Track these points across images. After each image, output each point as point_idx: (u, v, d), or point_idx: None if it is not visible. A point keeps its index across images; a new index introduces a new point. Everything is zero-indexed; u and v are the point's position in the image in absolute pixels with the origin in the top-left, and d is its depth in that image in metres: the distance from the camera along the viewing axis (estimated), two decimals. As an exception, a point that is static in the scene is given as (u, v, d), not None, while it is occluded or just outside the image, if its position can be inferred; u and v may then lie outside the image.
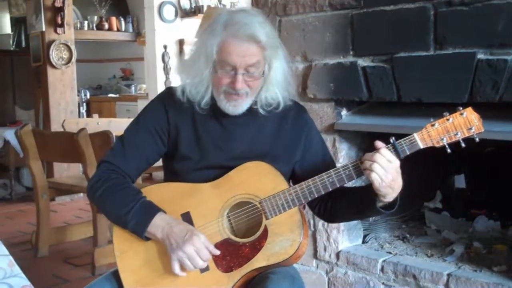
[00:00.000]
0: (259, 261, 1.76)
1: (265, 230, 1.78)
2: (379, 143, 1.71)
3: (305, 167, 1.95)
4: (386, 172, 1.68)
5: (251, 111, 1.91)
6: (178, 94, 1.91)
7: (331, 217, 2.01)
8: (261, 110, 1.90)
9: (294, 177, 1.97)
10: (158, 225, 1.77)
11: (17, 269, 1.65)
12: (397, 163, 1.70)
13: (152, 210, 1.80)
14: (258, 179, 1.82)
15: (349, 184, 1.82)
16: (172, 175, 1.95)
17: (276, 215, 1.78)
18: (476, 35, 2.25)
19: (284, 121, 1.96)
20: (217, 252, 1.77)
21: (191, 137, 1.91)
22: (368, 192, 1.76)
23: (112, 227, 1.88)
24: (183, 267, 1.75)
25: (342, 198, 1.90)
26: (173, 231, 1.76)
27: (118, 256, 1.82)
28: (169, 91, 1.98)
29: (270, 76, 1.87)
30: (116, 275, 1.84)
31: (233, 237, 1.80)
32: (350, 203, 1.90)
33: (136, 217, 1.78)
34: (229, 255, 1.78)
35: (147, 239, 1.81)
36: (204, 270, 1.78)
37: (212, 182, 1.86)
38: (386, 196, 1.73)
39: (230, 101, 1.84)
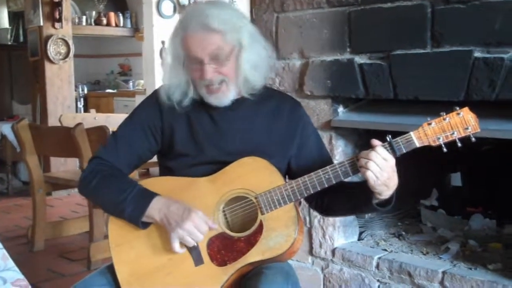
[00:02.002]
0: (253, 255, 1.76)
1: (260, 225, 1.78)
2: (375, 141, 1.72)
3: (301, 163, 1.95)
4: (381, 170, 1.68)
5: (244, 102, 1.91)
6: (164, 99, 1.91)
7: (327, 211, 2.01)
8: (245, 94, 1.90)
9: (290, 173, 1.97)
10: (155, 208, 1.78)
11: (10, 262, 1.64)
12: (392, 161, 1.70)
13: (149, 194, 1.81)
14: (254, 175, 1.82)
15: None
16: (167, 172, 1.95)
17: (272, 210, 1.78)
18: (473, 33, 2.25)
19: (278, 115, 1.96)
20: (215, 226, 1.79)
21: (186, 134, 1.91)
22: (365, 189, 1.75)
23: (108, 221, 1.88)
24: (181, 245, 1.77)
25: (339, 193, 1.90)
26: (170, 210, 1.76)
27: (113, 249, 1.82)
28: (162, 89, 1.97)
29: (242, 56, 1.85)
30: (111, 270, 1.84)
31: (228, 232, 1.80)
32: (346, 199, 1.91)
33: (134, 203, 1.79)
34: (224, 249, 1.78)
35: (144, 225, 1.81)
36: (198, 263, 1.78)
37: (208, 176, 1.86)
38: (382, 193, 1.74)
39: (211, 94, 1.85)
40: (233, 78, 1.85)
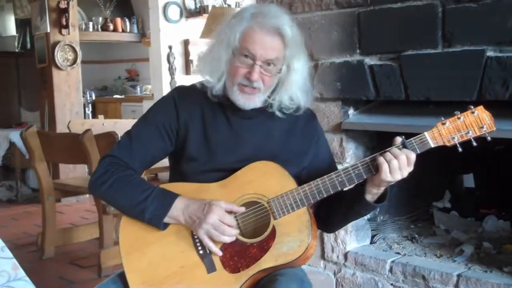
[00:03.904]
0: (267, 261, 1.74)
1: (273, 230, 1.76)
2: (399, 138, 1.72)
3: (311, 174, 1.91)
4: (401, 172, 1.68)
5: (262, 113, 1.90)
6: (192, 86, 1.93)
7: (326, 223, 1.96)
8: (278, 113, 1.89)
9: (299, 183, 1.94)
10: (179, 208, 1.76)
11: (21, 272, 1.62)
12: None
13: (171, 195, 1.79)
14: (266, 179, 1.80)
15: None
16: (178, 176, 1.93)
17: (284, 215, 1.76)
18: (485, 32, 2.22)
19: (294, 125, 1.95)
20: (242, 210, 1.78)
21: (200, 137, 1.89)
22: (356, 187, 1.77)
23: (119, 228, 1.86)
24: (218, 244, 1.75)
25: (333, 199, 1.85)
26: (193, 208, 1.76)
27: (124, 257, 1.80)
28: (180, 89, 1.98)
29: (291, 78, 1.86)
30: (122, 277, 1.82)
31: (240, 237, 1.77)
32: (339, 200, 1.87)
33: (156, 202, 1.77)
34: (237, 255, 1.76)
35: (165, 226, 1.79)
36: (211, 270, 1.76)
37: (220, 181, 1.84)
38: (380, 186, 1.75)
39: (243, 94, 1.82)
40: (268, 89, 1.86)
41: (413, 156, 1.69)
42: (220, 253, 1.76)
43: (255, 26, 1.78)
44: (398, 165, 1.67)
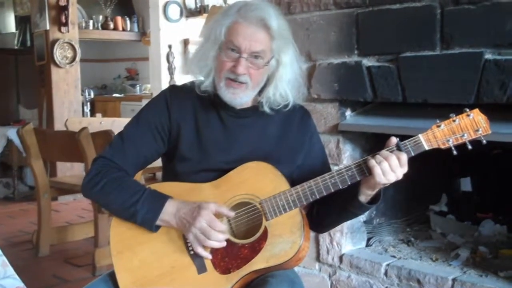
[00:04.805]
0: (258, 263, 1.72)
1: (265, 231, 1.74)
2: (393, 139, 1.70)
3: (304, 173, 1.90)
4: (395, 174, 1.66)
5: (255, 112, 1.88)
6: (184, 85, 1.91)
7: (318, 224, 1.95)
8: (267, 110, 1.87)
9: (292, 182, 1.92)
10: (170, 212, 1.75)
11: (10, 270, 1.61)
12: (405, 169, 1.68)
13: (162, 196, 1.78)
14: (259, 179, 1.79)
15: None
16: (171, 176, 1.91)
17: (277, 216, 1.74)
18: (483, 34, 2.20)
19: (288, 124, 1.93)
20: (232, 214, 1.75)
21: (192, 137, 1.87)
22: (350, 187, 1.74)
23: (110, 227, 1.84)
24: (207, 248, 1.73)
25: (326, 200, 1.81)
26: (183, 212, 1.74)
27: (114, 256, 1.78)
28: (172, 89, 1.96)
29: (279, 73, 1.84)
30: (112, 277, 1.80)
31: (232, 238, 1.76)
32: (332, 201, 1.84)
33: (147, 205, 1.75)
34: (228, 256, 1.74)
35: (156, 229, 1.77)
36: (201, 271, 1.74)
37: (212, 182, 1.82)
38: (375, 187, 1.73)
39: (229, 88, 1.80)
40: (256, 85, 1.83)
41: (403, 157, 1.66)
42: (210, 257, 1.74)
43: (240, 19, 1.77)
44: (389, 167, 1.65)
